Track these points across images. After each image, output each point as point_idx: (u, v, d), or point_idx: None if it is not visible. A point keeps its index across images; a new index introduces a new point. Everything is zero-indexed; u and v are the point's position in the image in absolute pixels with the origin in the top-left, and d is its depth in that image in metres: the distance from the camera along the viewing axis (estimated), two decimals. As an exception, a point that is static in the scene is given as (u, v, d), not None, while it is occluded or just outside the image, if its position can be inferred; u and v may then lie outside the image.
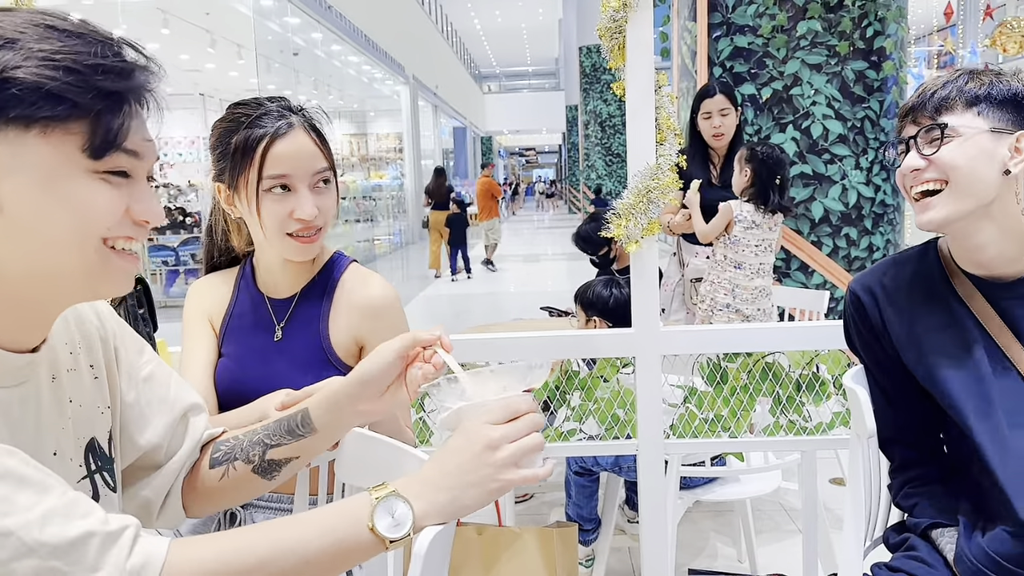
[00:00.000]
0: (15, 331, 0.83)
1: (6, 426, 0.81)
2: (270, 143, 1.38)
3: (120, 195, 0.80)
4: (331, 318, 1.49)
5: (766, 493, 2.52)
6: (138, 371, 1.04)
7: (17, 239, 0.77)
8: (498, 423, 0.88)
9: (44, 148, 0.75)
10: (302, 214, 1.39)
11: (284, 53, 11.67)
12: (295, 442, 1.07)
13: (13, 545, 0.67)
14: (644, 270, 1.86)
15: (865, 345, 1.44)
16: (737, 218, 3.12)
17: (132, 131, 0.79)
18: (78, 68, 0.75)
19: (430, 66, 21.42)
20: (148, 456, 1.04)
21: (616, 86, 1.86)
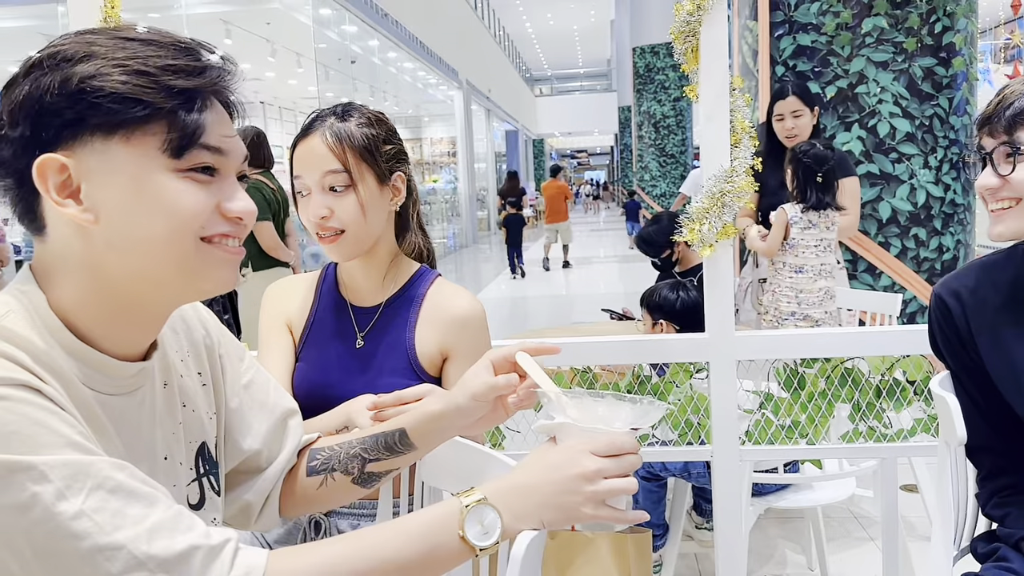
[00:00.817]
0: (126, 339, 0.85)
1: (121, 433, 0.83)
2: (295, 146, 1.45)
3: (208, 192, 0.81)
4: (418, 328, 1.50)
5: (840, 500, 2.47)
6: (240, 378, 1.06)
7: (118, 245, 0.79)
8: (599, 454, 0.88)
9: (128, 153, 0.77)
10: (308, 214, 1.43)
11: (342, 61, 11.83)
12: (394, 457, 1.09)
13: (124, 559, 0.69)
14: (718, 274, 1.84)
15: (951, 351, 1.41)
16: (792, 221, 3.07)
17: (210, 127, 0.81)
18: (149, 70, 0.77)
19: (483, 70, 21.51)
20: (249, 461, 1.06)
21: (689, 89, 1.84)
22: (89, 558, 0.68)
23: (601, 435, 0.89)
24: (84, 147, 0.77)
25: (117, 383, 0.84)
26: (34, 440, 0.69)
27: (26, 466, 0.67)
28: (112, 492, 0.71)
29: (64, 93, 0.76)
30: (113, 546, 0.69)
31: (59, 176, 0.77)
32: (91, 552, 0.68)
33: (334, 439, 1.13)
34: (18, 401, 0.70)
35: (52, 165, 0.77)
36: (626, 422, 0.91)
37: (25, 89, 0.77)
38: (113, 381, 0.83)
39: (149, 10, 8.99)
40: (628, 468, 0.89)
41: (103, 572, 0.68)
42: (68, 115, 0.76)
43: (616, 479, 0.87)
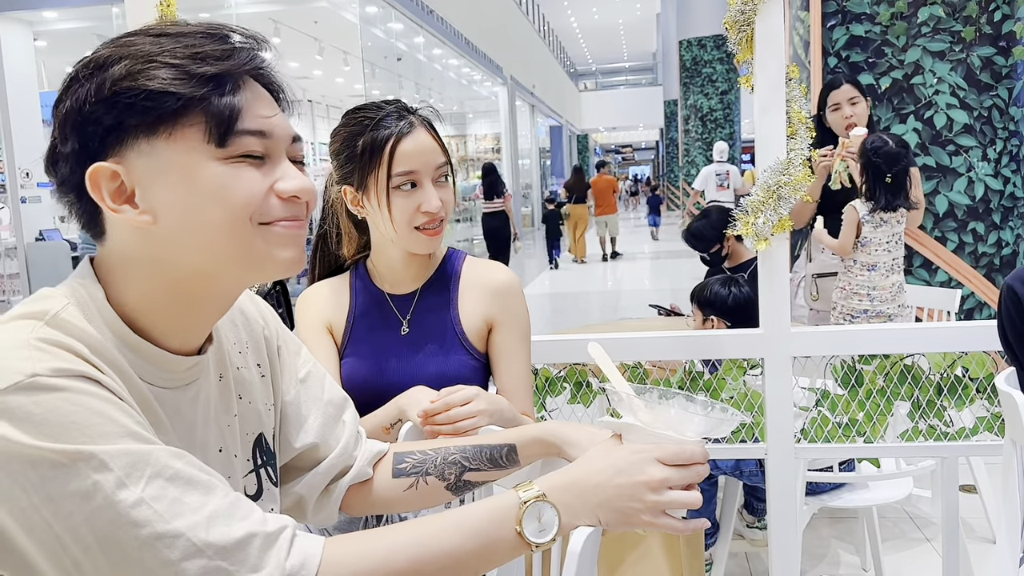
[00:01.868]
0: (183, 333, 0.86)
1: (176, 425, 0.84)
2: (397, 142, 1.44)
3: (259, 176, 0.81)
4: (460, 304, 1.55)
5: (897, 500, 2.42)
6: (297, 371, 1.07)
7: (179, 241, 0.80)
8: (666, 463, 0.86)
9: (174, 149, 0.77)
10: (429, 207, 1.45)
11: (388, 59, 11.91)
12: (496, 471, 1.10)
13: (183, 545, 0.70)
14: (773, 269, 1.80)
15: (1021, 344, 1.36)
16: (863, 219, 3.00)
17: (247, 109, 0.80)
18: (174, 62, 0.77)
19: (527, 66, 21.48)
20: (304, 455, 1.06)
21: (744, 80, 1.81)
22: (149, 545, 0.69)
23: (670, 442, 0.87)
24: (131, 151, 0.78)
25: (172, 377, 0.85)
26: (94, 430, 0.70)
27: (87, 455, 0.69)
28: (170, 480, 0.72)
29: (100, 99, 0.76)
30: (172, 533, 0.69)
31: (112, 183, 0.78)
32: (151, 539, 0.69)
33: (424, 444, 1.14)
34: (77, 392, 0.71)
35: (104, 173, 0.78)
36: (698, 431, 0.89)
37: (68, 104, 0.78)
38: (168, 375, 0.84)
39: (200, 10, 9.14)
40: (694, 479, 0.87)
41: (163, 559, 0.69)
42: (107, 121, 0.76)
43: (680, 491, 0.86)
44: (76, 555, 0.69)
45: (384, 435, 1.42)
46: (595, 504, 0.86)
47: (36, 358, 0.71)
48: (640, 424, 0.89)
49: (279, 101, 0.86)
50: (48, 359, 0.72)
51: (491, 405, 1.34)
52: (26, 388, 0.69)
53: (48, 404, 0.69)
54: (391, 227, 1.47)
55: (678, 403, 0.93)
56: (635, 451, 0.87)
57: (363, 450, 1.11)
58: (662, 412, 0.90)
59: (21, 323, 0.76)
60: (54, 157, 0.81)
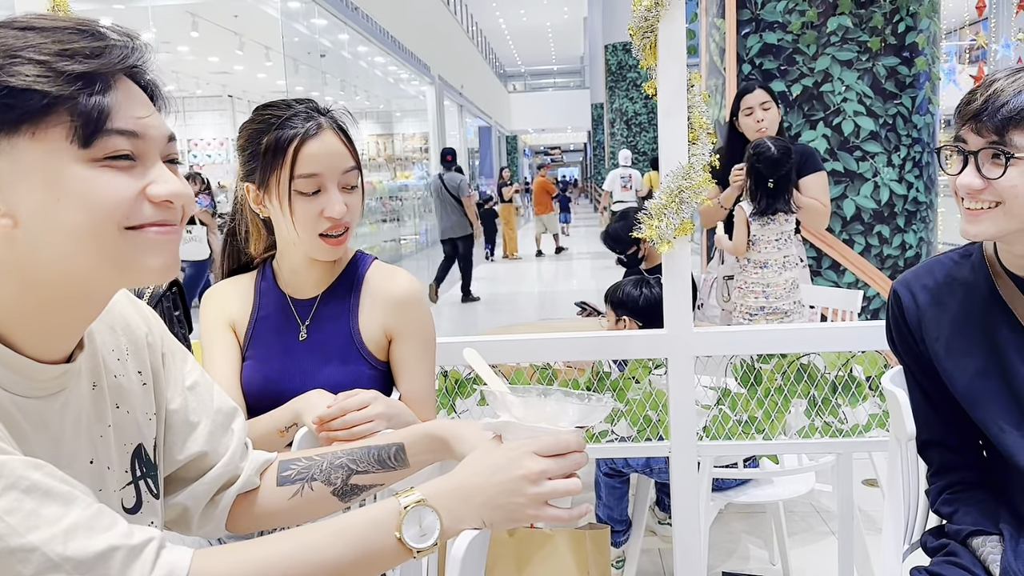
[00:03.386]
0: (49, 341, 0.81)
1: (40, 436, 0.80)
2: (301, 143, 1.40)
3: (128, 179, 0.76)
4: (360, 313, 1.52)
5: (800, 495, 2.50)
6: (183, 379, 1.03)
7: (40, 245, 0.75)
8: (543, 455, 0.86)
9: (36, 149, 0.73)
10: (332, 212, 1.41)
11: (311, 55, 11.73)
12: (384, 472, 1.08)
13: (38, 560, 0.67)
14: (676, 270, 1.84)
15: (906, 345, 1.42)
16: (751, 218, 3.08)
17: (118, 110, 0.75)
18: (40, 59, 0.72)
19: (455, 66, 21.43)
20: (191, 464, 1.03)
21: (647, 85, 1.84)
22: (1, 561, 0.66)
23: (545, 434, 0.88)
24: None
25: (36, 386, 0.80)
26: None
27: None
28: (26, 492, 0.69)
29: None
30: (26, 548, 0.67)
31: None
32: (3, 554, 0.66)
33: (312, 451, 1.11)
34: None
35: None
36: (572, 420, 0.90)
37: None
38: (32, 384, 0.79)
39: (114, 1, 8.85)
40: (572, 467, 0.88)
41: (16, 574, 0.67)
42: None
43: (560, 480, 0.86)
44: None
45: (279, 438, 1.39)
46: (478, 505, 0.86)
47: None
48: (515, 420, 0.90)
49: (154, 100, 0.82)
50: None
51: (389, 409, 1.32)
52: None
53: None
54: (293, 231, 1.43)
55: (555, 398, 0.95)
56: (512, 447, 0.88)
57: (250, 460, 1.08)
58: (536, 406, 0.91)
59: None
60: None
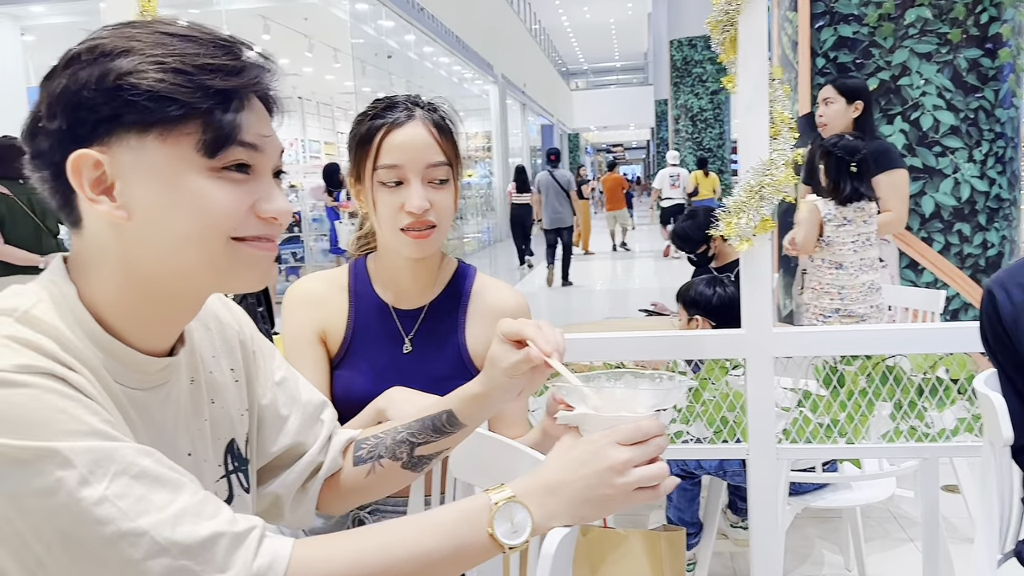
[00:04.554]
0: (154, 334, 0.85)
1: (146, 427, 0.83)
2: (387, 132, 1.36)
3: (242, 192, 0.80)
4: (467, 328, 1.47)
5: (879, 501, 2.43)
6: (272, 374, 1.06)
7: (149, 242, 0.79)
8: (625, 443, 0.85)
9: (163, 151, 0.77)
10: (411, 206, 1.34)
11: (379, 56, 11.88)
12: (442, 438, 1.08)
13: (147, 544, 0.68)
14: (756, 269, 1.80)
15: (1001, 346, 1.36)
16: (826, 218, 3.01)
17: (247, 127, 0.79)
18: (186, 69, 0.76)
19: (518, 64, 21.47)
20: (283, 456, 1.05)
21: (727, 80, 1.81)
22: (112, 544, 0.68)
23: (625, 424, 0.86)
24: (120, 143, 0.76)
25: (143, 378, 0.84)
26: (58, 427, 0.69)
27: (50, 451, 0.68)
28: (136, 478, 0.71)
29: (101, 88, 0.75)
30: (136, 532, 0.68)
31: (94, 172, 0.77)
32: (114, 538, 0.68)
33: (378, 428, 1.11)
34: (42, 389, 0.70)
35: (87, 161, 0.76)
36: (648, 405, 0.89)
37: (63, 82, 0.77)
38: (139, 376, 0.83)
39: (189, 6, 9.10)
40: (656, 452, 0.86)
41: (126, 558, 0.68)
42: (104, 111, 0.75)
43: (645, 466, 0.85)
44: (39, 553, 0.68)
45: None
46: (567, 500, 0.85)
47: (2, 354, 0.70)
48: (592, 412, 0.88)
49: (272, 114, 0.85)
50: (13, 356, 0.71)
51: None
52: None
53: (11, 400, 0.68)
54: (377, 225, 1.40)
55: (626, 382, 0.93)
56: (593, 441, 0.86)
57: (333, 442, 1.10)
58: (611, 396, 0.89)
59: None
60: (35, 129, 0.79)
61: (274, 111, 0.86)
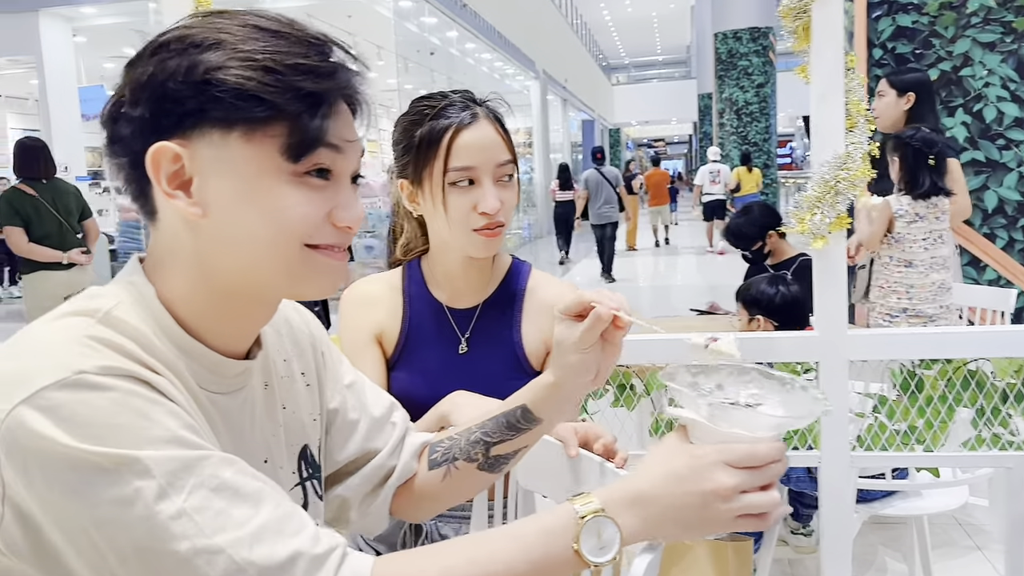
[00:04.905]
0: (231, 335, 0.83)
1: (228, 432, 0.81)
2: (456, 133, 1.33)
3: (321, 199, 0.77)
4: (523, 326, 1.44)
5: (951, 509, 2.33)
6: (341, 378, 1.04)
7: (222, 241, 0.77)
8: (737, 466, 0.75)
9: (245, 151, 0.74)
10: (486, 207, 1.33)
11: (421, 53, 11.90)
12: (519, 435, 1.02)
13: (224, 563, 0.66)
14: (830, 268, 1.72)
15: None
16: (897, 213, 2.91)
17: (332, 131, 0.77)
18: (277, 68, 0.73)
19: (560, 60, 21.38)
20: (352, 461, 1.02)
21: (799, 70, 1.73)
22: (187, 560, 0.65)
23: (740, 444, 0.76)
24: (201, 139, 0.74)
25: (223, 381, 0.82)
26: (139, 433, 0.66)
27: (131, 460, 0.65)
28: (216, 491, 0.68)
29: (189, 81, 0.73)
30: (212, 549, 0.65)
31: (172, 166, 0.75)
32: (189, 555, 0.65)
33: (452, 430, 1.07)
34: (124, 392, 0.67)
35: (167, 154, 0.74)
36: (771, 426, 0.76)
37: (150, 70, 0.74)
38: (219, 379, 0.81)
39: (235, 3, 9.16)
40: (770, 480, 0.77)
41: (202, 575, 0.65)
42: (190, 104, 0.73)
43: (756, 494, 0.76)
44: (114, 566, 0.66)
45: None
46: (659, 517, 0.77)
47: (84, 355, 0.68)
48: (703, 421, 0.77)
49: (355, 116, 0.82)
50: (96, 357, 0.68)
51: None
52: (71, 385, 0.66)
53: (93, 403, 0.66)
54: (446, 227, 1.36)
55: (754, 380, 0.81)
56: (699, 455, 0.76)
57: (406, 446, 1.06)
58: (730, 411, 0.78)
59: (72, 320, 0.73)
60: (116, 114, 0.77)
61: (359, 115, 0.83)
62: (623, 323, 0.90)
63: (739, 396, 0.80)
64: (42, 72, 9.92)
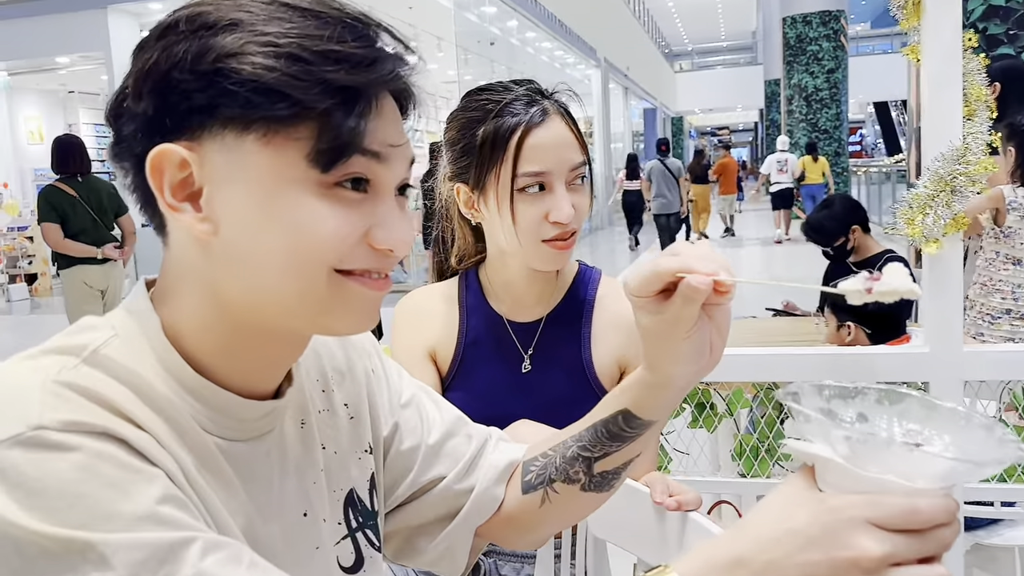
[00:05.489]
0: (253, 373, 0.68)
1: (247, 486, 0.67)
2: (525, 134, 1.17)
3: (356, 216, 0.63)
4: (593, 340, 1.28)
5: (1068, 538, 2.09)
6: (399, 395, 0.88)
7: (236, 264, 0.63)
8: (888, 527, 0.53)
9: (264, 157, 0.60)
10: (559, 216, 1.17)
11: (481, 43, 11.78)
12: (624, 445, 0.82)
13: None
14: (944, 276, 1.50)
15: None
16: (1010, 206, 2.65)
17: (371, 134, 0.62)
18: (304, 56, 0.59)
19: (621, 48, 21.03)
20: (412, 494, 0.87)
21: (908, 50, 1.52)
22: None
23: (892, 495, 0.54)
24: (213, 141, 0.61)
25: (242, 427, 0.67)
26: (100, 508, 0.53)
27: (84, 545, 0.52)
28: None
29: (197, 71, 0.59)
30: None
31: (178, 173, 0.61)
32: None
33: (546, 445, 0.88)
34: (90, 454, 0.54)
35: (171, 159, 0.61)
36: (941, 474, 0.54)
37: (154, 56, 0.61)
38: (237, 424, 0.67)
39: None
40: (936, 550, 0.54)
41: None
42: (198, 99, 0.60)
43: (914, 567, 0.54)
44: None
45: None
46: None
47: (49, 405, 0.56)
48: (840, 461, 0.55)
49: (405, 113, 0.67)
50: (63, 409, 0.56)
51: None
52: (26, 443, 0.54)
53: (48, 467, 0.53)
54: (513, 237, 1.20)
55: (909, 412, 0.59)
56: (833, 507, 0.55)
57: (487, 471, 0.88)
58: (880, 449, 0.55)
59: (50, 359, 0.60)
60: (119, 110, 0.64)
61: (409, 112, 0.68)
62: (726, 286, 0.67)
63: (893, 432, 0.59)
64: (111, 68, 10.09)
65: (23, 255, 11.58)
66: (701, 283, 0.65)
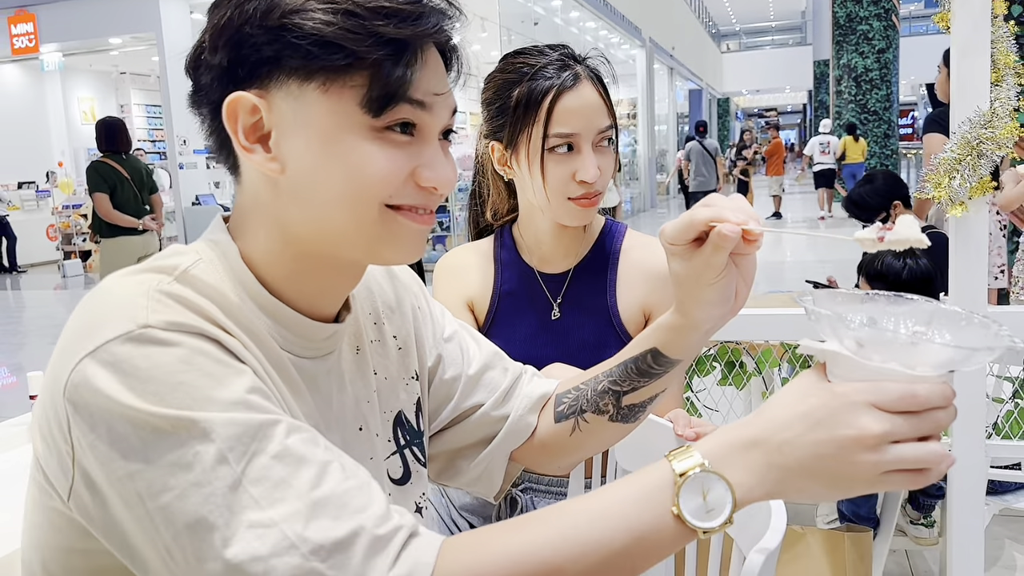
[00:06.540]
0: (317, 297, 0.78)
1: (315, 398, 0.77)
2: (557, 96, 1.26)
3: (404, 157, 0.72)
4: (618, 288, 1.37)
5: (1097, 505, 2.12)
6: (442, 331, 0.99)
7: (300, 199, 0.72)
8: (888, 409, 0.59)
9: (323, 104, 0.69)
10: (585, 176, 1.26)
11: (524, 23, 11.79)
12: (652, 381, 0.90)
13: (275, 538, 0.59)
14: (969, 239, 1.55)
15: None
16: None
17: (417, 82, 0.70)
18: (358, 12, 0.67)
19: (667, 27, 20.83)
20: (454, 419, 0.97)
21: (938, 17, 1.56)
22: (241, 533, 0.59)
23: (893, 381, 0.60)
24: (279, 89, 0.70)
25: (310, 346, 0.77)
26: (201, 393, 0.62)
27: (190, 422, 0.61)
28: (278, 458, 0.62)
29: (265, 26, 0.68)
30: (265, 523, 0.59)
31: (250, 118, 0.71)
32: (242, 528, 0.59)
33: (578, 379, 0.96)
34: (191, 349, 0.64)
35: (244, 105, 0.70)
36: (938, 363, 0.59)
37: (227, 13, 0.70)
38: (306, 343, 0.77)
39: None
40: (932, 429, 0.60)
41: (251, 551, 0.59)
42: (266, 51, 0.69)
43: (911, 444, 0.59)
44: (167, 539, 0.61)
45: None
46: (783, 470, 0.62)
47: (152, 308, 0.65)
48: (847, 353, 0.61)
49: (449, 67, 0.76)
50: (165, 312, 0.65)
51: None
52: (136, 339, 0.63)
53: (156, 359, 0.62)
54: (542, 194, 1.29)
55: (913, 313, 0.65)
56: (840, 392, 0.61)
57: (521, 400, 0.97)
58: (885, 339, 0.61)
59: (147, 276, 0.69)
60: (198, 62, 0.73)
61: (452, 64, 0.76)
62: (754, 235, 0.73)
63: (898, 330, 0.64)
64: (162, 49, 10.33)
65: (77, 232, 11.95)
66: (731, 231, 0.71)
